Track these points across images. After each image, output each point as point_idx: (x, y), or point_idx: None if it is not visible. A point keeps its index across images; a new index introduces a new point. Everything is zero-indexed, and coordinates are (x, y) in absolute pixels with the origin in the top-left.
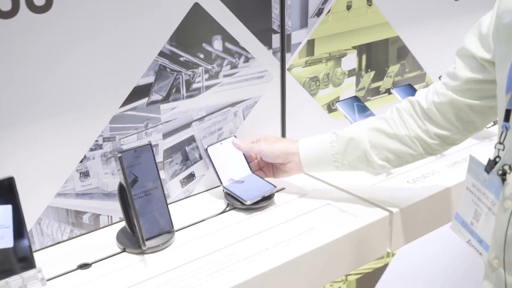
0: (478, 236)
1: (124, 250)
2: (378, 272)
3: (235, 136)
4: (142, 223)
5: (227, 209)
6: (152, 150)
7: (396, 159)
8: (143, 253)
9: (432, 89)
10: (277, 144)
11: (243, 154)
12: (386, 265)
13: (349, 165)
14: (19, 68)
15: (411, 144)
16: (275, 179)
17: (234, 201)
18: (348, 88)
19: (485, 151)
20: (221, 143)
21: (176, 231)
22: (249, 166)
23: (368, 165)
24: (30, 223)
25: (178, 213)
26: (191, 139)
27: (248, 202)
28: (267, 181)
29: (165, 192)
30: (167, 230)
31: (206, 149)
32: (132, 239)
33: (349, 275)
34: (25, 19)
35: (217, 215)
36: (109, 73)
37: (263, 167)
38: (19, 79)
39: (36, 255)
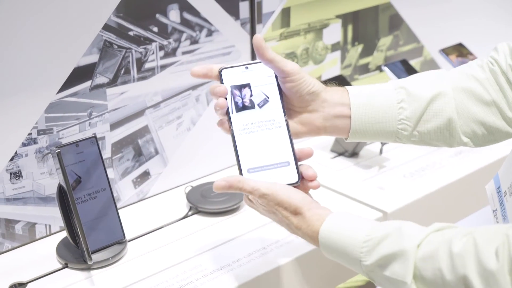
0: (505, 212)
1: (66, 266)
2: (371, 286)
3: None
4: (87, 233)
5: (190, 213)
6: (98, 144)
7: (484, 136)
8: (89, 268)
9: None
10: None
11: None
12: None
13: (418, 138)
14: None
15: (510, 118)
16: None
17: None
18: (332, 66)
19: None
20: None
21: (128, 241)
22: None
23: (446, 142)
24: None
25: (131, 220)
26: (145, 130)
27: None
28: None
29: (115, 195)
30: (118, 241)
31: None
32: (76, 252)
33: None
34: None
35: (177, 221)
36: (43, 51)
37: None
38: None
39: None
